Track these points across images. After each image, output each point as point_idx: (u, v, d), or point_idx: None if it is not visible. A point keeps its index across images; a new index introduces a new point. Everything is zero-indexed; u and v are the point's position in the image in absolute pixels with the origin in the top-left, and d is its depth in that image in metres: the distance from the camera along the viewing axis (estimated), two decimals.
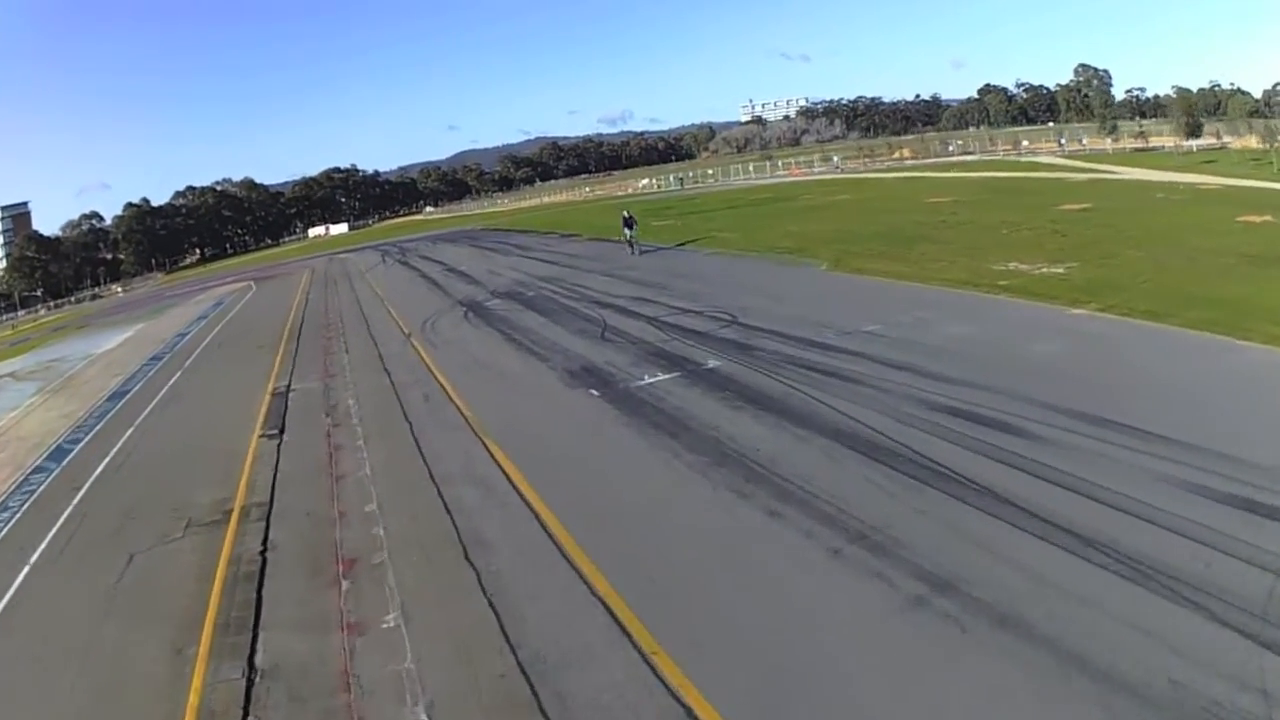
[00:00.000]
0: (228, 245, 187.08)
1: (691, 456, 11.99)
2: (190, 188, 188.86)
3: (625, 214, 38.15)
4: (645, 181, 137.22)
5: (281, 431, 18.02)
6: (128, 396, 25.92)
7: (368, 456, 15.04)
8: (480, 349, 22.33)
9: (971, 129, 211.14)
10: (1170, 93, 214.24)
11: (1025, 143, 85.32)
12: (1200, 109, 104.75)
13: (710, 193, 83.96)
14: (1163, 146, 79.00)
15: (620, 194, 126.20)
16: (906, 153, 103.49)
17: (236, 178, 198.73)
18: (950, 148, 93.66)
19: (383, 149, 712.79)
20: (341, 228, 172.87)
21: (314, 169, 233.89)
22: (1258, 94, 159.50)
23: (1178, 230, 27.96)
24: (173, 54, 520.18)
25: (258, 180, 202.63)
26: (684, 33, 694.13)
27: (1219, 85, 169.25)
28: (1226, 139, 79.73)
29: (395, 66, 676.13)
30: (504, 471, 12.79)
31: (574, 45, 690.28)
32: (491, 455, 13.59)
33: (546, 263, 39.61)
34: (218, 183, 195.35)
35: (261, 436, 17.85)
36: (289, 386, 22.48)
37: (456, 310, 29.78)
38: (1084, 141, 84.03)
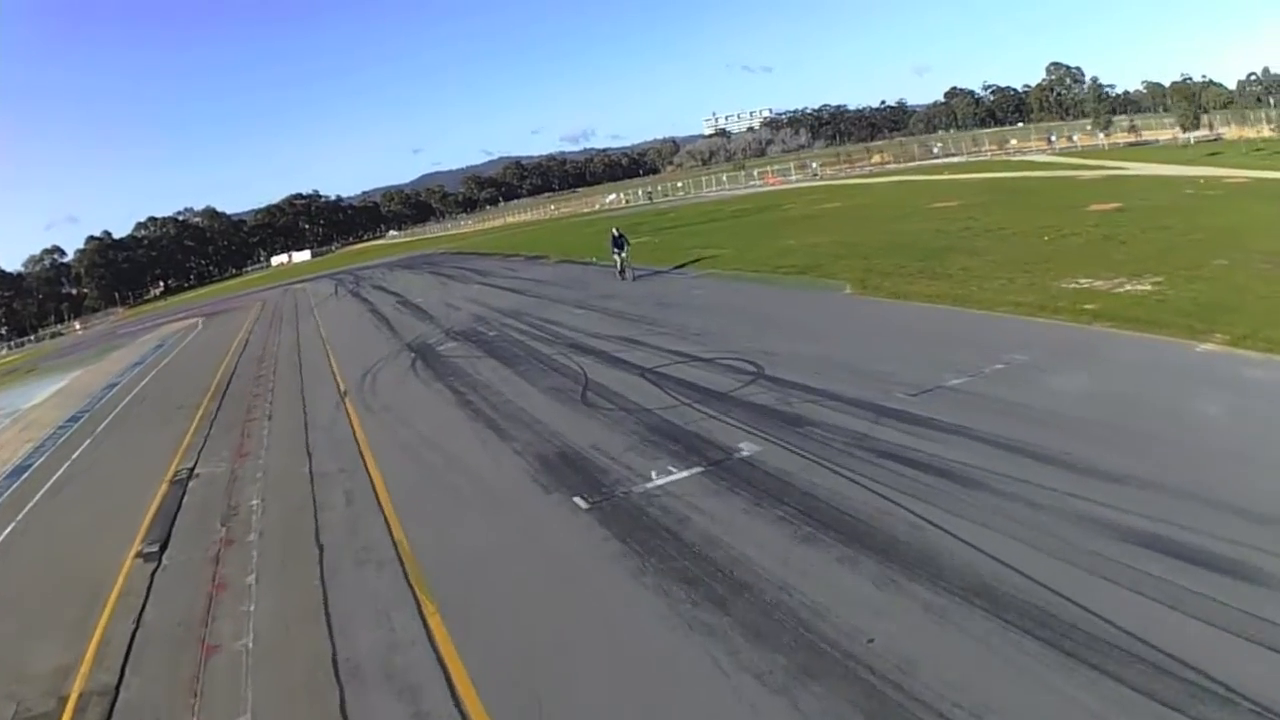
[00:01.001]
0: (191, 276, 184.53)
1: (755, 655, 7.15)
2: (152, 219, 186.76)
3: (614, 232, 32.54)
4: (612, 197, 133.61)
5: (163, 548, 13.13)
6: (23, 477, 20.92)
7: (254, 610, 10.18)
8: (426, 417, 17.44)
9: (942, 132, 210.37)
10: (1140, 88, 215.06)
11: (1013, 142, 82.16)
12: (1180, 102, 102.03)
13: (684, 206, 79.70)
14: (1156, 140, 76.03)
15: (586, 211, 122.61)
16: (883, 157, 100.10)
17: (199, 206, 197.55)
18: (935, 149, 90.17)
19: (346, 174, 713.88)
20: (304, 255, 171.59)
21: (277, 196, 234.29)
22: (1231, 85, 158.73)
23: (1243, 231, 23.88)
24: (138, 80, 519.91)
25: (220, 209, 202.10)
26: (644, 48, 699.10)
27: (1190, 78, 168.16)
28: (1220, 130, 76.74)
29: (358, 91, 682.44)
30: (446, 673, 7.97)
31: (535, 65, 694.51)
32: (429, 633, 8.74)
33: (511, 291, 34.87)
34: (180, 213, 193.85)
35: (139, 556, 12.98)
36: (192, 470, 17.52)
37: (404, 357, 24.91)
38: (1075, 138, 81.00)
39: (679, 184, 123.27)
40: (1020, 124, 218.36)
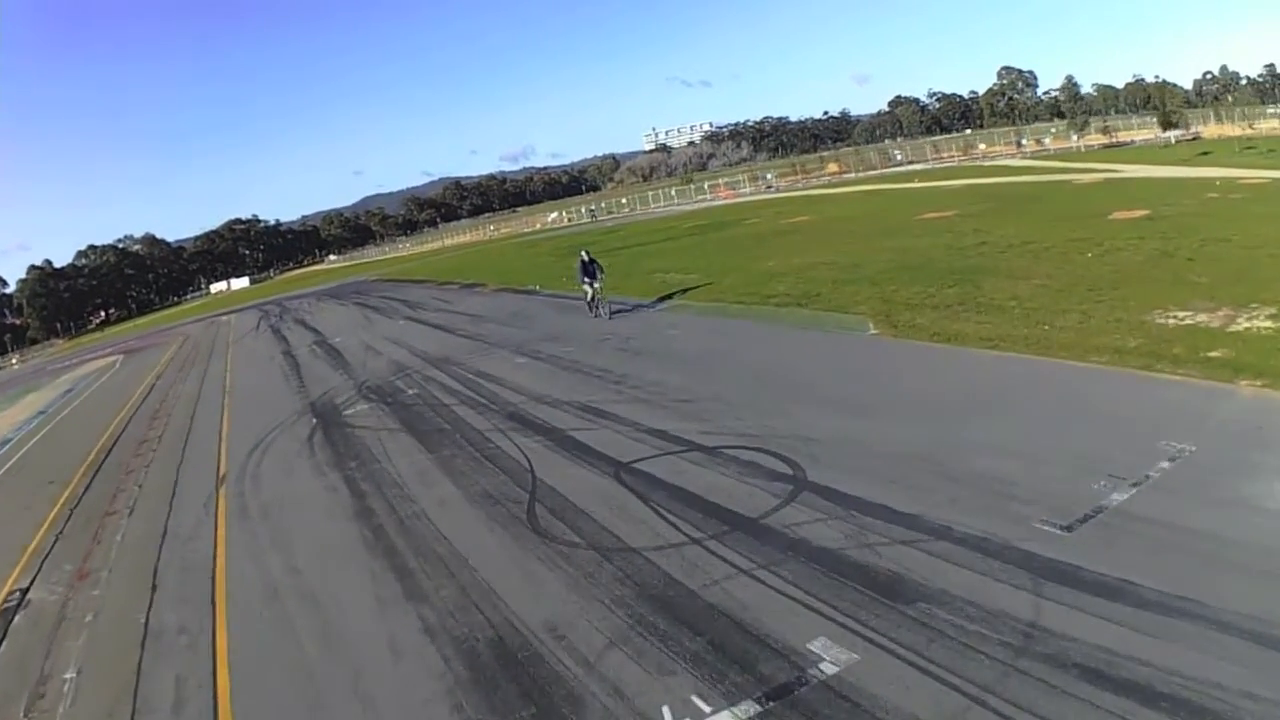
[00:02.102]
0: (132, 305, 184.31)
1: None
2: (92, 246, 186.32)
3: (584, 256, 26.22)
4: (554, 216, 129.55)
5: None
6: None
7: None
8: (310, 536, 12.37)
9: (889, 140, 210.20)
10: (1091, 91, 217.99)
11: (981, 146, 79.50)
12: (1130, 103, 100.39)
13: (633, 223, 75.32)
14: (1132, 141, 73.92)
15: (527, 231, 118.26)
16: (839, 166, 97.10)
17: (139, 233, 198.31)
18: (896, 156, 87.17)
19: (288, 197, 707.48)
20: (243, 282, 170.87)
21: (218, 221, 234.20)
22: (1187, 85, 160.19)
23: None
24: (79, 104, 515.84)
25: (161, 235, 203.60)
26: (582, 66, 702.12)
27: (1143, 79, 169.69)
28: (1196, 129, 74.94)
29: (298, 113, 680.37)
30: None
31: (472, 84, 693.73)
32: None
33: (441, 330, 29.81)
34: (120, 240, 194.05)
35: None
36: (25, 593, 13.05)
37: (304, 423, 19.82)
38: (1046, 141, 78.59)
39: (623, 200, 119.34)
40: (968, 130, 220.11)
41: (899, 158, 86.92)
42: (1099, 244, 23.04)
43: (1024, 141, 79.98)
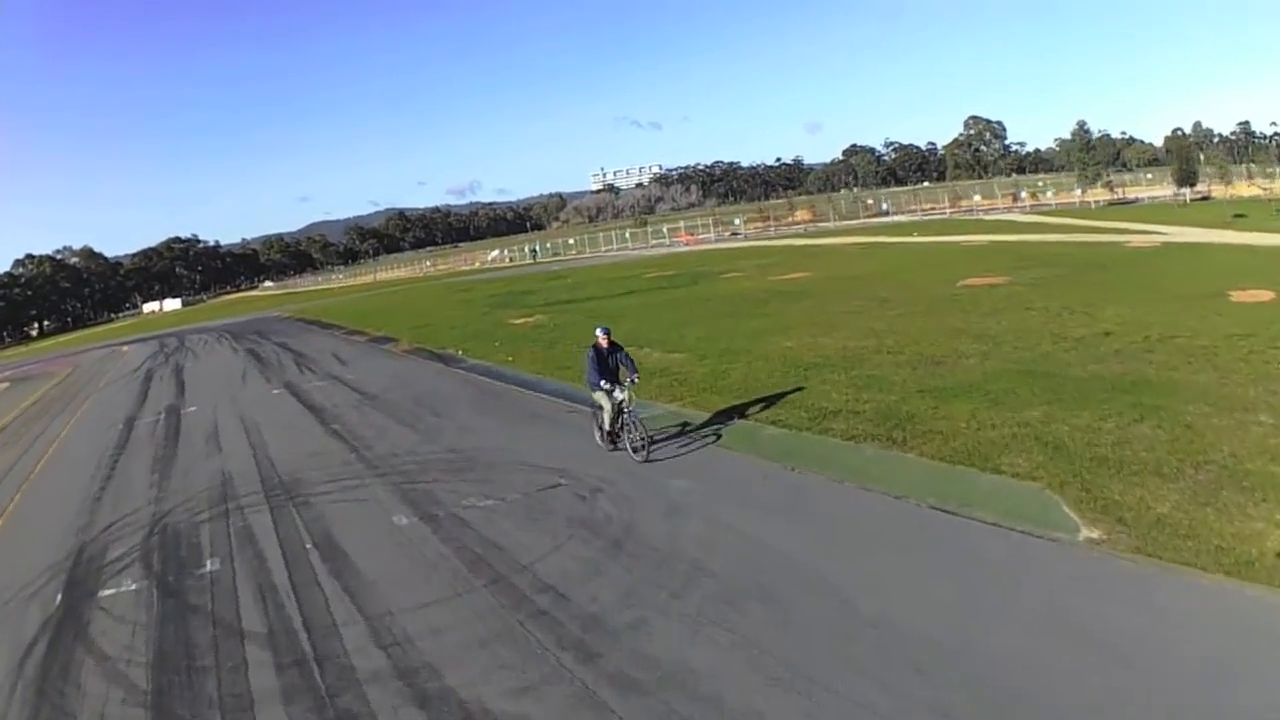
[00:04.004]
0: (68, 319, 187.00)
1: None
2: (30, 256, 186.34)
3: (601, 339, 13.97)
4: (495, 254, 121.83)
5: None
6: None
7: None
8: None
9: (843, 190, 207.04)
10: (1053, 145, 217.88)
11: (977, 198, 73.48)
12: (1097, 159, 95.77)
13: (581, 268, 67.44)
14: (1139, 199, 68.46)
15: (465, 269, 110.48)
16: (810, 213, 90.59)
17: (78, 245, 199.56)
18: (885, 205, 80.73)
19: (233, 218, 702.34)
20: (175, 304, 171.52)
21: (159, 238, 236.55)
22: (1157, 141, 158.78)
23: None
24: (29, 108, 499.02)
25: (100, 249, 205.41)
26: (531, 102, 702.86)
27: (1108, 134, 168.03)
28: (1201, 188, 69.81)
29: (247, 135, 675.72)
30: None
31: (423, 115, 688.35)
32: None
33: (315, 416, 21.10)
34: (58, 251, 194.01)
35: None
36: None
37: (34, 611, 10.92)
38: (1049, 195, 72.74)
39: (570, 240, 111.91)
40: (925, 183, 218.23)
41: (886, 207, 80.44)
42: (1269, 340, 15.74)
43: (1023, 195, 74.15)
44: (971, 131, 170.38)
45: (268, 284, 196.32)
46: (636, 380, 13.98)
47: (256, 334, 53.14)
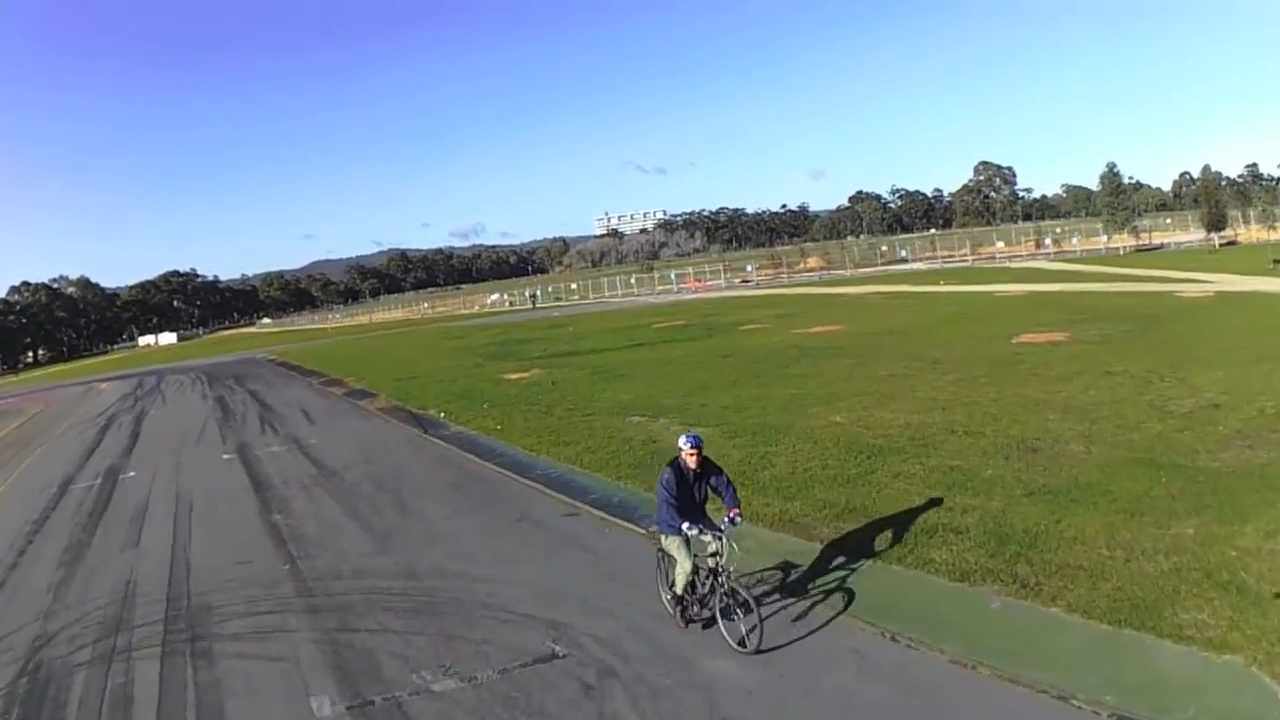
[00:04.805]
0: (63, 348, 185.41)
1: None
2: (25, 283, 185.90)
3: (688, 458, 8.87)
4: (495, 297, 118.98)
5: None
6: None
7: None
8: None
9: (850, 237, 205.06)
10: (1060, 192, 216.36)
11: (1000, 244, 70.35)
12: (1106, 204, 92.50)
13: (582, 315, 63.98)
14: (1165, 244, 65.48)
15: (464, 312, 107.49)
16: (823, 260, 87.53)
17: (74, 274, 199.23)
18: (903, 253, 77.60)
19: (235, 254, 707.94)
20: (170, 338, 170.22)
21: (158, 270, 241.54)
22: (1165, 186, 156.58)
23: None
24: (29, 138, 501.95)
25: (97, 280, 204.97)
26: (537, 146, 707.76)
27: (1120, 175, 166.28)
28: (1228, 232, 67.06)
29: (252, 171, 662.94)
30: None
31: (427, 158, 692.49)
32: None
33: (258, 495, 17.41)
34: (55, 280, 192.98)
35: None
36: None
37: None
38: (1074, 242, 69.57)
39: (573, 285, 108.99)
40: (931, 230, 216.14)
41: (904, 254, 77.20)
42: None
43: (1048, 241, 71.04)
44: (981, 177, 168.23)
45: (265, 321, 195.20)
46: (739, 520, 8.75)
47: (234, 378, 50.10)
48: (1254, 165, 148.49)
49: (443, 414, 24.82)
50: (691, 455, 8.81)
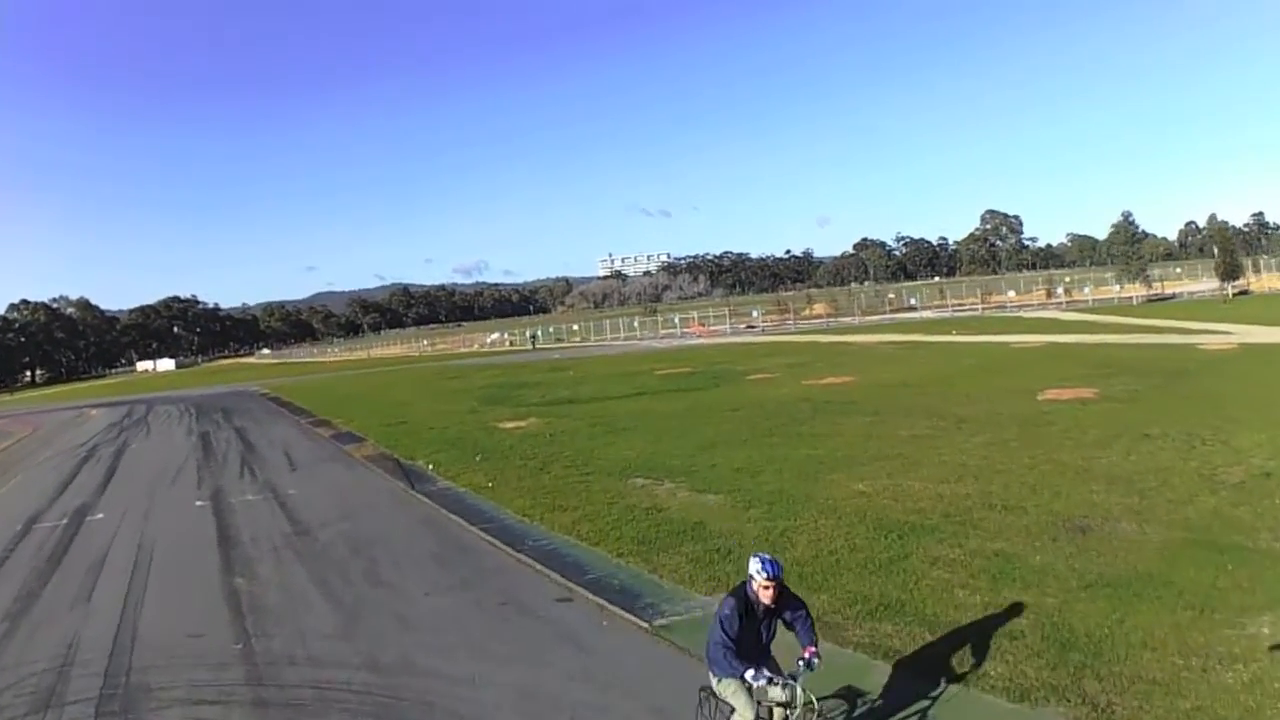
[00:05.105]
0: (62, 369, 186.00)
1: None
2: (25, 301, 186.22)
3: (761, 591, 6.73)
4: (494, 336, 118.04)
5: None
6: None
7: None
8: None
9: (853, 284, 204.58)
10: (1065, 241, 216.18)
11: (1011, 293, 69.21)
12: (1110, 253, 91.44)
13: (583, 359, 62.63)
14: (1176, 294, 64.51)
15: (464, 350, 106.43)
16: (828, 307, 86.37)
17: (74, 295, 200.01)
18: (912, 301, 76.45)
19: (239, 283, 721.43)
20: (169, 364, 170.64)
21: (159, 295, 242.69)
22: (1170, 235, 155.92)
23: None
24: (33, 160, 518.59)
25: (97, 302, 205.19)
26: (543, 186, 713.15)
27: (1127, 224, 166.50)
28: (1239, 281, 66.17)
29: (257, 201, 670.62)
30: None
31: (433, 194, 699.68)
32: None
33: (222, 566, 15.64)
34: (54, 300, 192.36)
35: None
36: None
37: None
38: (1087, 291, 68.42)
39: (574, 327, 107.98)
40: (935, 278, 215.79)
41: (913, 302, 75.97)
42: None
43: (1059, 290, 69.88)
44: (988, 225, 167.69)
45: (265, 351, 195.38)
46: (818, 663, 6.72)
47: (222, 412, 49.15)
48: (1260, 214, 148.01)
49: (431, 466, 23.36)
50: (767, 588, 6.68)
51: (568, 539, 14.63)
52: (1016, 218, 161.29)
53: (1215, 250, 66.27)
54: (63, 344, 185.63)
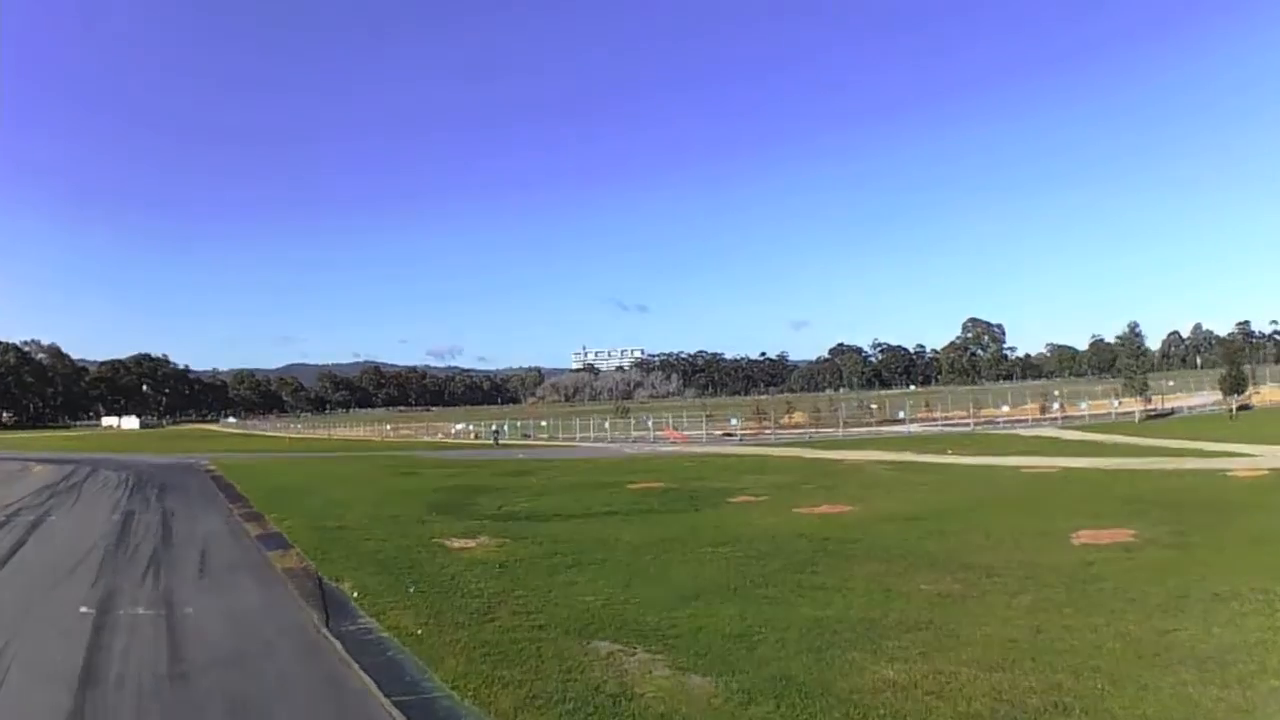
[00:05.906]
0: (28, 415, 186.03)
1: None
2: None
3: None
4: (460, 427, 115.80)
5: None
6: None
7: None
8: None
9: (829, 391, 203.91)
10: (1045, 351, 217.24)
11: (1005, 408, 67.45)
12: (1092, 364, 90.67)
13: (549, 463, 59.22)
14: (1176, 409, 63.22)
15: (426, 439, 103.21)
16: (808, 417, 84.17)
17: (46, 340, 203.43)
18: (901, 414, 74.19)
19: (211, 346, 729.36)
20: (133, 423, 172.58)
21: (129, 350, 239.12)
22: (1154, 345, 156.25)
23: None
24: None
25: (68, 350, 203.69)
26: (519, 273, 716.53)
27: (1102, 338, 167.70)
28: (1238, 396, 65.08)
29: (234, 273, 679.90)
30: None
31: (412, 277, 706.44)
32: None
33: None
34: (25, 343, 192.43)
35: None
36: None
37: None
38: (1083, 406, 66.72)
39: (544, 423, 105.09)
40: (912, 386, 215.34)
41: (902, 415, 73.50)
42: None
43: (1055, 405, 67.92)
44: (969, 334, 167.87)
45: (230, 420, 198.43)
46: None
47: (159, 488, 46.67)
48: (1245, 323, 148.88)
49: (356, 593, 19.73)
50: None
51: None
52: (999, 326, 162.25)
53: (1220, 360, 65.51)
54: (31, 389, 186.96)
